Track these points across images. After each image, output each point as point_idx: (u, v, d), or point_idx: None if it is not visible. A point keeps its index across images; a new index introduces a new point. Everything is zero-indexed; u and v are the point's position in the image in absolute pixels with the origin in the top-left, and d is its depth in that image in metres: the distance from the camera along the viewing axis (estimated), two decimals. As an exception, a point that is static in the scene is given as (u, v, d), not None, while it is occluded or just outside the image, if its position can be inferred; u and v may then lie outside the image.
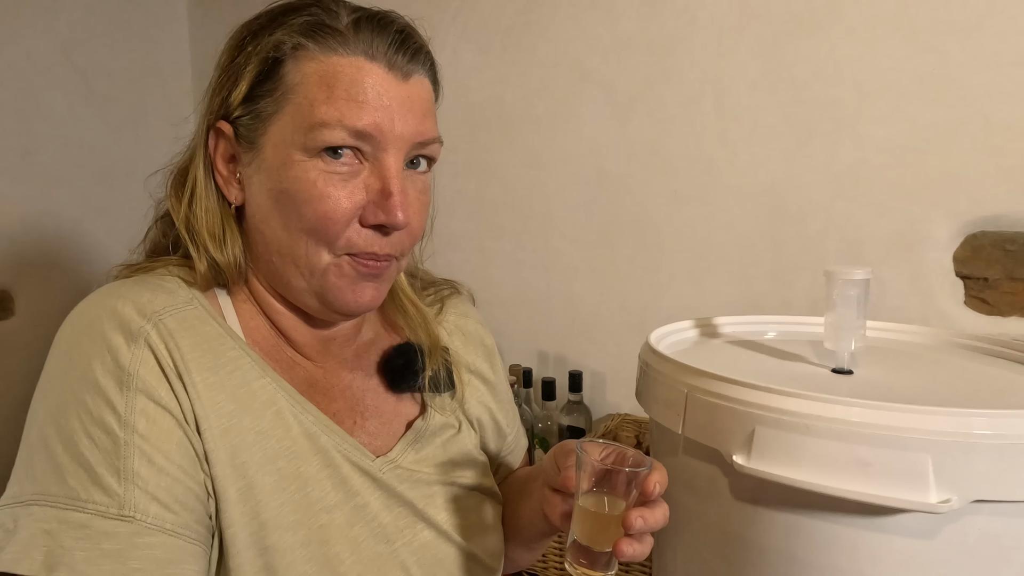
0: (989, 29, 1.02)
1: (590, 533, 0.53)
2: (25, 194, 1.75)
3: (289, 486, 0.58)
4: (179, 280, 0.60)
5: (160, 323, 0.55)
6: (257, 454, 0.57)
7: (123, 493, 0.50)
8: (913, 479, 0.47)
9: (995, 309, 1.07)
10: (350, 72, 0.57)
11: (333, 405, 0.65)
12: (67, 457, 0.51)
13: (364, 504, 0.62)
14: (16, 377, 1.75)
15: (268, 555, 0.55)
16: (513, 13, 1.49)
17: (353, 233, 0.58)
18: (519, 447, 0.84)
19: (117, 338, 0.53)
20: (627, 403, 1.41)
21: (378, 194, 0.58)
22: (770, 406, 0.52)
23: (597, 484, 0.53)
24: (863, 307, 0.64)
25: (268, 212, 0.59)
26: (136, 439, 0.51)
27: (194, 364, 0.55)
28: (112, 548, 0.49)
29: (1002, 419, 0.47)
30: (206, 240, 0.60)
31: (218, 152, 0.61)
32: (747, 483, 0.54)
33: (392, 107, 0.58)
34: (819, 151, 1.17)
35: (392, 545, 0.63)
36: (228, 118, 0.60)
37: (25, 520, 0.49)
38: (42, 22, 1.77)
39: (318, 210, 0.57)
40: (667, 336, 0.76)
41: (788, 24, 1.18)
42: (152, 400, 0.52)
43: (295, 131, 0.57)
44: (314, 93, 0.56)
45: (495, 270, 1.58)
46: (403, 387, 0.70)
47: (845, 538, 0.51)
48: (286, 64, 0.57)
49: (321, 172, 0.57)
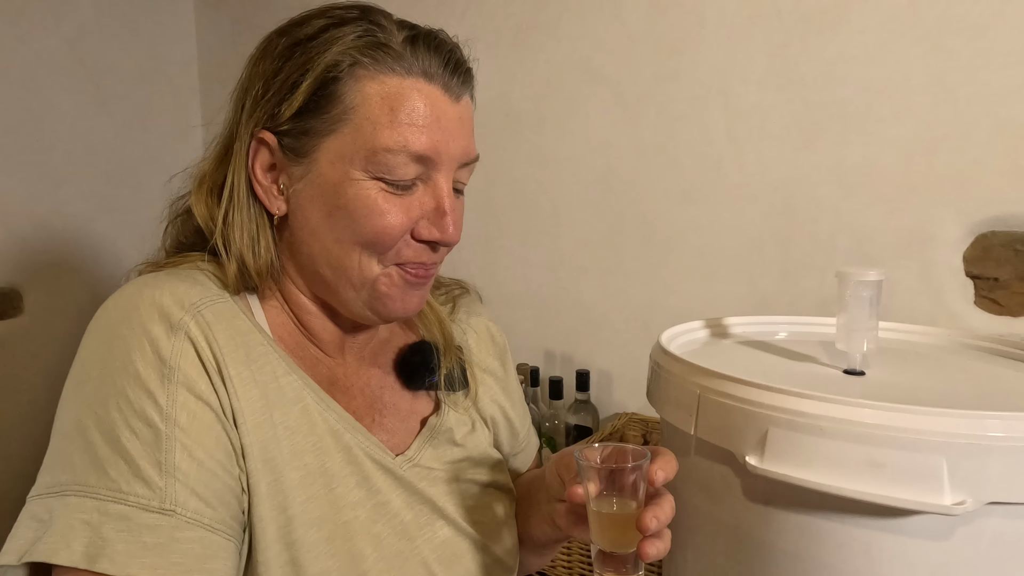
0: (999, 29, 1.02)
1: (610, 538, 0.53)
2: (33, 193, 1.76)
3: (315, 482, 0.58)
4: (209, 274, 0.61)
5: (198, 315, 0.55)
6: (285, 449, 0.57)
7: (164, 487, 0.50)
8: (927, 481, 0.47)
9: (1005, 309, 1.06)
10: (411, 95, 0.58)
11: (353, 403, 0.65)
12: (107, 448, 0.50)
13: (386, 501, 0.63)
14: (25, 374, 1.75)
15: (293, 549, 0.56)
16: (520, 12, 1.49)
17: (404, 246, 0.61)
18: (530, 445, 0.84)
19: (157, 329, 0.53)
20: (634, 402, 1.41)
21: (432, 212, 0.61)
22: (783, 407, 0.52)
23: (605, 487, 0.53)
24: (876, 308, 0.64)
25: (318, 225, 0.60)
26: (178, 432, 0.51)
27: (230, 358, 0.55)
28: (153, 542, 0.49)
29: (1017, 421, 0.47)
30: (242, 248, 0.60)
31: (257, 162, 0.61)
32: (760, 484, 0.54)
33: (448, 129, 0.60)
34: (828, 150, 1.17)
35: (413, 542, 0.63)
36: (272, 129, 0.60)
37: (61, 510, 0.49)
38: (50, 22, 1.78)
39: (376, 226, 0.58)
40: (678, 336, 0.76)
41: (797, 23, 1.18)
42: (193, 394, 0.53)
43: (356, 151, 0.58)
44: (376, 115, 0.57)
45: (503, 269, 1.59)
46: (419, 384, 0.71)
47: (858, 540, 0.52)
48: (344, 83, 0.57)
49: (380, 191, 0.58)
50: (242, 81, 0.63)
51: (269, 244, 0.62)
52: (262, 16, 2.00)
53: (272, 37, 0.62)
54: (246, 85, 0.62)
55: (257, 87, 0.60)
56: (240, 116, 0.62)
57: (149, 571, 0.48)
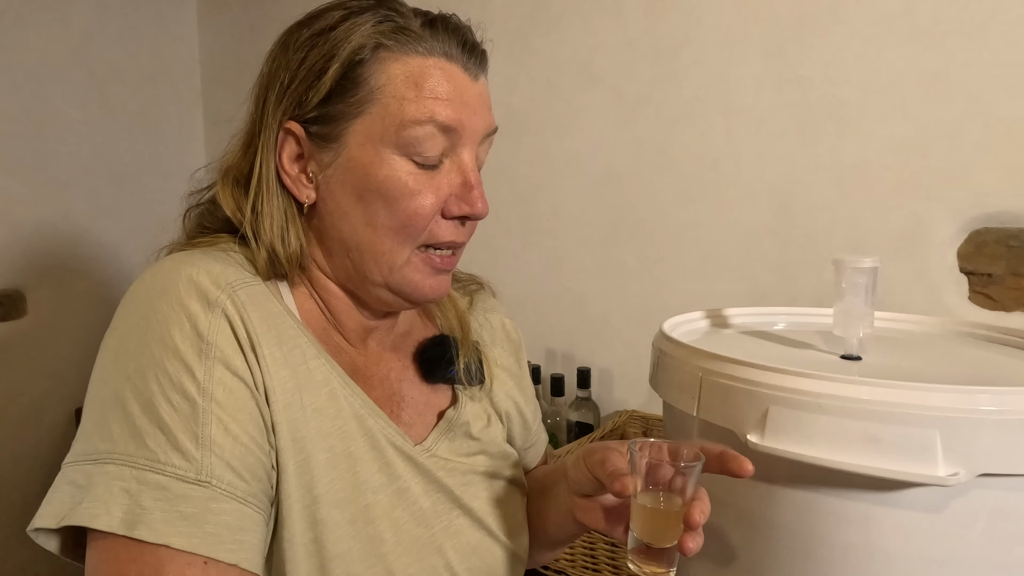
0: (992, 29, 1.04)
1: (654, 532, 0.54)
2: (37, 196, 1.77)
3: (340, 464, 0.60)
4: (241, 258, 0.62)
5: (234, 294, 0.56)
6: (313, 430, 0.58)
7: (200, 459, 0.51)
8: (922, 454, 0.49)
9: (999, 305, 1.09)
10: (434, 72, 0.60)
11: (373, 392, 0.67)
12: (145, 419, 0.51)
13: (406, 488, 0.64)
14: (29, 376, 1.77)
15: (317, 528, 0.57)
16: (521, 15, 1.52)
17: (435, 225, 0.62)
18: (540, 441, 0.86)
19: (195, 306, 0.54)
20: (635, 399, 1.43)
21: (460, 187, 0.63)
22: (783, 386, 0.54)
23: (654, 483, 0.54)
24: (871, 295, 0.66)
25: (349, 209, 0.62)
26: (214, 407, 0.52)
27: (263, 337, 0.57)
28: (189, 511, 0.50)
29: (1007, 396, 0.49)
30: (273, 239, 0.62)
31: (284, 152, 0.62)
32: (761, 461, 0.55)
33: (470, 104, 0.62)
34: (824, 150, 1.19)
35: (431, 529, 0.65)
36: (299, 119, 0.61)
37: (100, 477, 0.50)
38: (53, 26, 1.80)
39: (409, 207, 0.60)
40: (679, 326, 0.78)
41: (793, 25, 1.20)
42: (229, 370, 0.54)
43: (385, 129, 0.59)
44: (402, 92, 0.59)
45: (503, 268, 1.60)
46: (437, 377, 0.72)
47: (857, 513, 0.53)
48: (369, 65, 0.60)
49: (410, 172, 0.60)
50: (263, 75, 0.64)
51: (299, 233, 0.63)
52: (264, 20, 2.03)
53: (292, 29, 0.64)
54: (268, 79, 0.63)
55: (282, 78, 0.62)
56: (265, 108, 0.63)
57: (184, 540, 0.49)
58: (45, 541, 0.52)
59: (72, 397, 1.85)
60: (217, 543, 0.50)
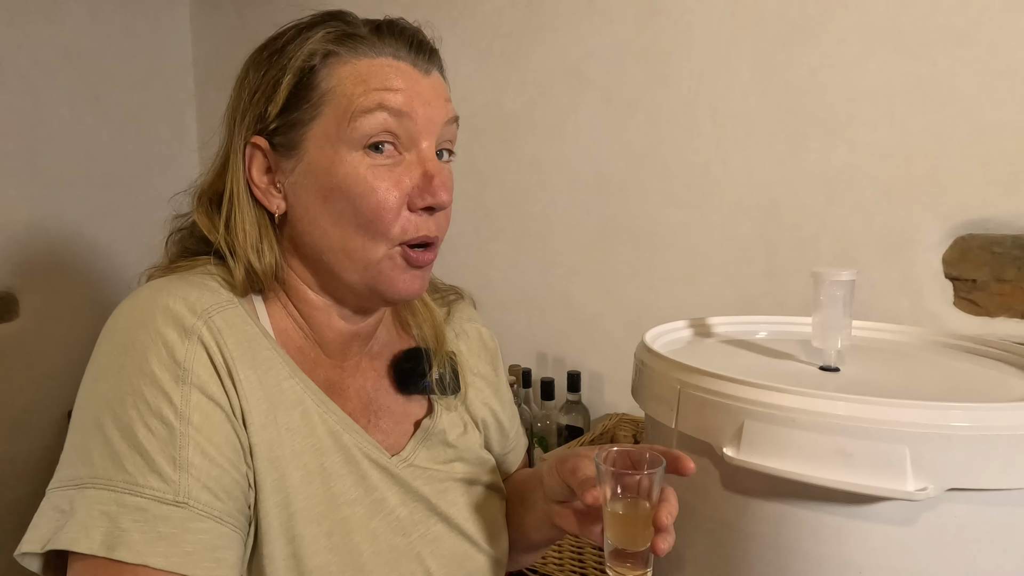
0: (977, 38, 1.05)
1: (626, 537, 0.55)
2: (30, 197, 1.77)
3: (314, 480, 0.61)
4: (220, 280, 0.63)
5: (210, 321, 0.57)
6: (287, 449, 0.60)
7: (178, 480, 0.52)
8: (891, 469, 0.50)
9: (983, 310, 1.09)
10: (382, 69, 0.62)
11: (349, 405, 0.68)
12: (124, 444, 0.53)
13: (382, 499, 0.65)
14: (21, 378, 1.77)
15: (295, 544, 0.58)
16: (512, 20, 1.52)
17: (404, 220, 0.63)
18: (519, 446, 0.87)
19: (172, 334, 0.55)
20: (624, 403, 1.43)
21: (421, 178, 0.63)
22: (758, 401, 0.55)
23: (622, 490, 0.55)
24: (848, 307, 0.67)
25: (317, 213, 0.62)
26: (191, 431, 0.54)
27: (239, 362, 0.58)
28: (168, 531, 0.51)
29: (977, 412, 0.50)
30: (248, 252, 0.63)
31: (253, 166, 0.64)
32: (737, 474, 0.56)
33: (422, 94, 0.63)
34: (812, 156, 1.20)
35: (408, 537, 0.66)
36: (263, 132, 0.63)
37: (82, 501, 0.52)
38: (47, 27, 1.80)
39: (371, 202, 0.61)
40: (662, 336, 0.79)
41: (782, 32, 1.21)
42: (205, 395, 0.55)
43: (339, 127, 0.61)
44: (351, 89, 0.61)
45: (495, 272, 1.61)
46: (411, 389, 0.73)
47: (830, 526, 0.54)
48: (319, 72, 0.61)
49: (369, 167, 0.61)
50: (231, 99, 0.66)
51: (272, 243, 0.64)
52: (257, 21, 2.02)
53: (254, 54, 0.66)
54: (236, 101, 0.65)
55: (244, 98, 0.64)
56: (233, 129, 0.65)
57: (163, 559, 0.50)
58: (31, 563, 0.54)
59: (64, 399, 1.85)
60: (195, 562, 0.51)
